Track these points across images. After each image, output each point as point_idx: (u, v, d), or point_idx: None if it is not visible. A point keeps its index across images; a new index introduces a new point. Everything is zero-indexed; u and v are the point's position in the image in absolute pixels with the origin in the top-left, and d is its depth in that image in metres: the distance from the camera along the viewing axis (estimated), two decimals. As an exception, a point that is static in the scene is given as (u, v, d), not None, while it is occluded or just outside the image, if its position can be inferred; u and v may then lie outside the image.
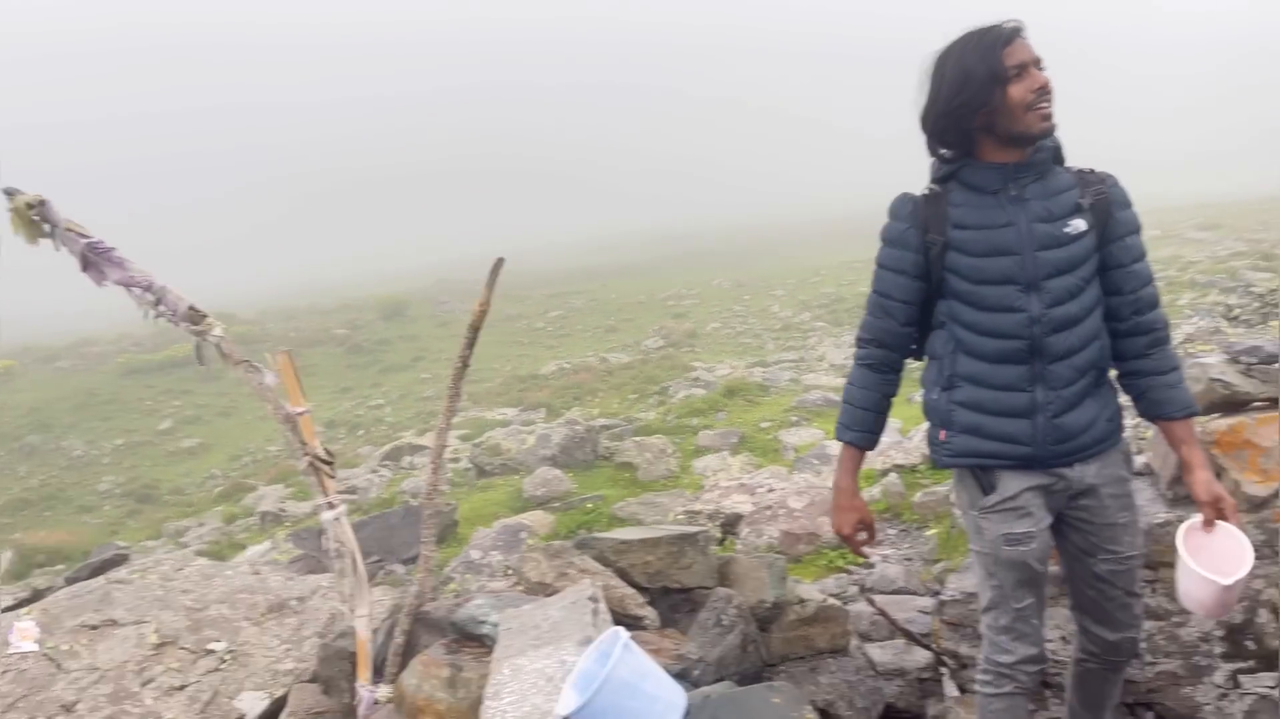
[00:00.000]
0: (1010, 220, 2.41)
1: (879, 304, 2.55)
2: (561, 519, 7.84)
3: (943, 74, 2.41)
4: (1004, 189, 2.43)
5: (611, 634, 1.90)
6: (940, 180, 2.51)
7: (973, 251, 2.42)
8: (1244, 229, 26.89)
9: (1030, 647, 2.54)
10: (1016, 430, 2.43)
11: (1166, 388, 2.51)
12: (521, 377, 19.88)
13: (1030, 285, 2.39)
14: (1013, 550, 2.48)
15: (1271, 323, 7.49)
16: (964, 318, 2.46)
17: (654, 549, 3.13)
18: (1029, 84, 2.34)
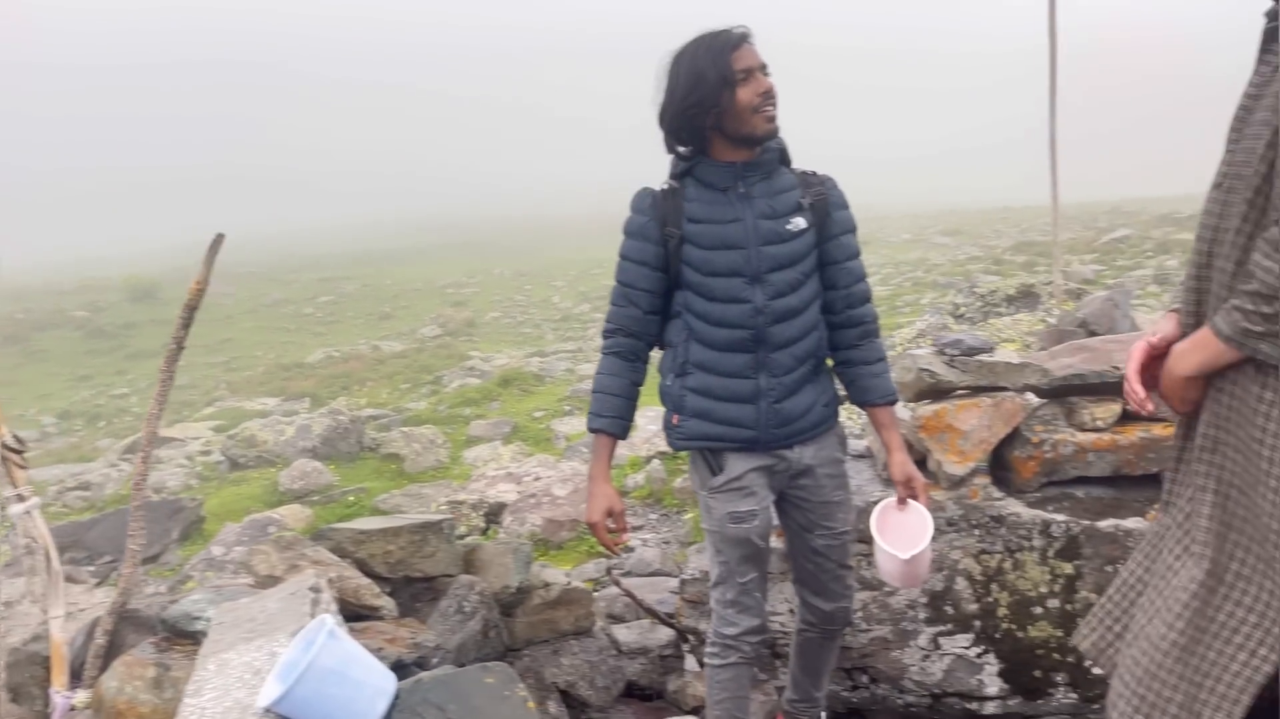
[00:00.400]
0: (737, 216, 2.54)
1: (623, 294, 2.63)
2: (320, 513, 7.55)
3: (677, 75, 2.51)
4: (733, 186, 2.56)
5: (317, 622, 1.85)
6: (678, 176, 2.61)
7: (703, 244, 2.54)
8: (980, 235, 29.59)
9: (753, 618, 2.70)
10: (741, 415, 2.58)
11: (872, 377, 2.74)
12: (285, 365, 18.90)
13: (755, 278, 2.54)
14: (737, 528, 2.62)
15: (991, 320, 8.29)
16: (696, 308, 2.58)
17: (395, 538, 3.07)
18: (755, 88, 2.48)
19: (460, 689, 1.86)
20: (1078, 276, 15.28)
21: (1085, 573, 3.17)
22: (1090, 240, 22.75)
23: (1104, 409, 3.34)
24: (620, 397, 2.65)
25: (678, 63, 2.52)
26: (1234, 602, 1.85)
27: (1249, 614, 1.83)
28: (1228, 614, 1.85)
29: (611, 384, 2.64)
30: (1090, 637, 2.24)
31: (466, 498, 6.84)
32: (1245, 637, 1.82)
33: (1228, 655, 1.83)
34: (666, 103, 2.54)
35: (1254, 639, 1.81)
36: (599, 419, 2.63)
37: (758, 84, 2.49)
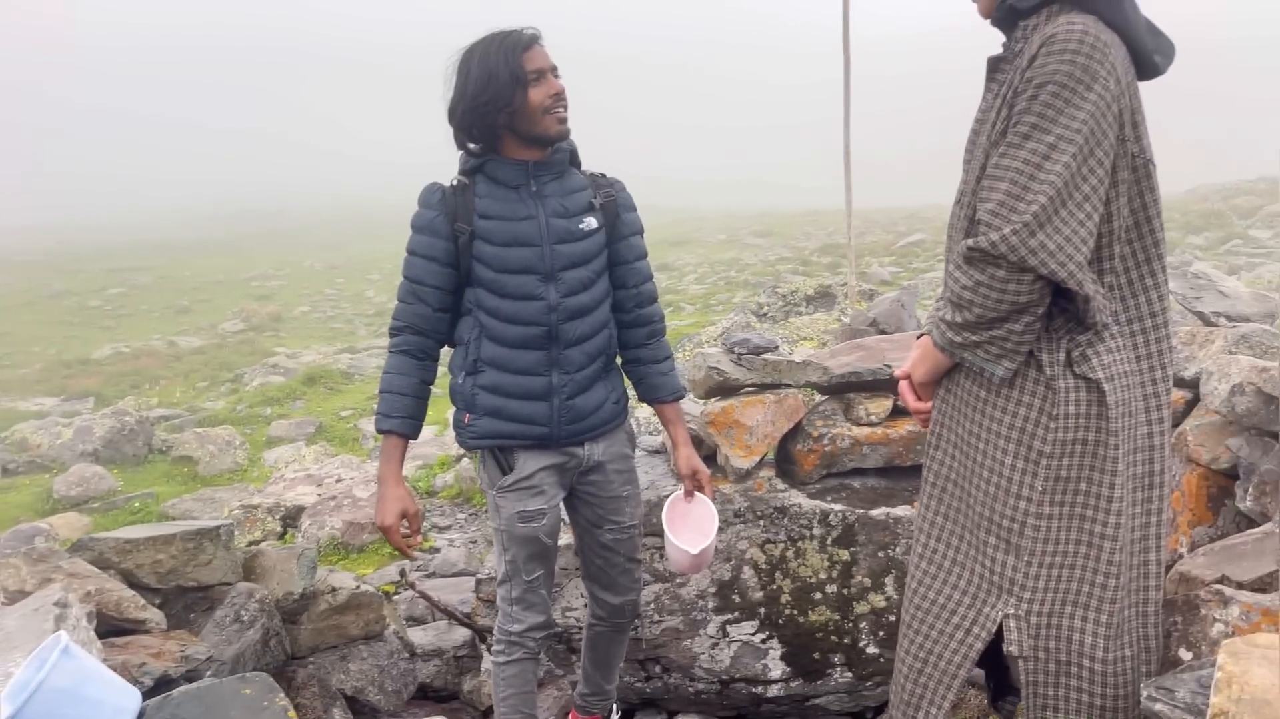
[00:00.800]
0: (530, 214, 2.56)
1: (412, 291, 2.59)
2: (100, 521, 7.05)
3: (468, 73, 2.50)
4: (525, 184, 2.57)
5: (51, 640, 1.73)
6: (467, 173, 2.60)
7: (496, 241, 2.54)
8: (790, 237, 30.79)
9: (538, 614, 2.72)
10: (534, 412, 2.59)
11: (660, 374, 2.83)
12: (67, 361, 17.46)
13: (548, 275, 2.56)
14: (525, 527, 2.63)
15: (791, 319, 8.67)
16: (488, 304, 2.57)
17: (166, 547, 2.90)
18: (547, 89, 2.51)
19: (214, 702, 1.78)
20: (875, 278, 16.17)
21: (860, 559, 3.36)
22: (889, 244, 24.10)
23: (877, 404, 3.56)
24: (410, 396, 2.60)
25: (468, 60, 2.51)
26: (951, 585, 2.03)
27: (964, 597, 2.00)
28: (945, 597, 2.02)
29: (401, 383, 2.59)
30: None
31: (262, 501, 6.55)
32: (961, 617, 2.00)
33: (947, 634, 2.01)
34: (457, 100, 2.52)
35: (968, 619, 1.99)
36: (389, 420, 2.58)
37: (549, 85, 2.51)
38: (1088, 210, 1.75)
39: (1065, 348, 1.86)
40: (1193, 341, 3.25)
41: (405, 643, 3.44)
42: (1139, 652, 1.94)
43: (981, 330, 1.84)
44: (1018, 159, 1.76)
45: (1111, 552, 1.88)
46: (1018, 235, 1.73)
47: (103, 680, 1.76)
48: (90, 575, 2.63)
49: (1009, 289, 1.77)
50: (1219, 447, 2.78)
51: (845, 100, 7.86)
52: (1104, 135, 1.75)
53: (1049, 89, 1.74)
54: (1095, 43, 1.75)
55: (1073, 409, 1.85)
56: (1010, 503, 1.91)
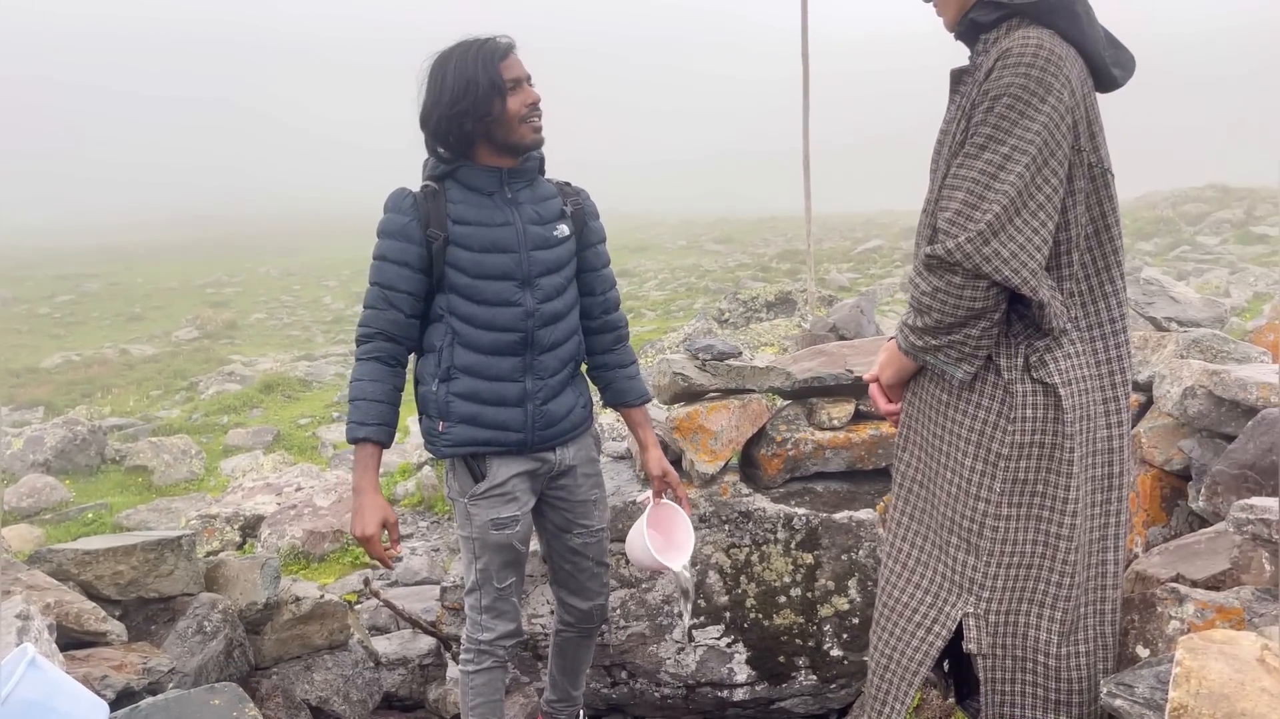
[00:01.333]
0: (508, 220, 2.56)
1: (383, 296, 2.55)
2: (51, 533, 6.90)
3: (444, 79, 2.49)
4: (499, 191, 2.58)
5: (18, 653, 1.70)
6: (437, 178, 2.59)
7: (472, 247, 2.53)
8: (750, 243, 30.97)
9: (509, 623, 2.72)
10: (509, 418, 2.59)
11: (627, 379, 2.85)
12: (15, 370, 17.07)
13: (525, 281, 2.57)
14: (500, 534, 2.63)
15: (752, 325, 8.73)
16: (462, 311, 2.56)
17: (127, 558, 2.86)
18: (523, 98, 2.52)
19: (183, 713, 1.76)
20: (834, 284, 16.32)
21: (824, 562, 3.40)
22: (847, 250, 24.35)
23: (840, 409, 3.60)
24: (384, 403, 2.55)
25: (443, 66, 2.51)
26: (914, 584, 2.07)
27: (926, 595, 2.04)
28: (909, 596, 2.07)
29: (374, 390, 2.54)
30: None
31: (221, 511, 6.47)
32: (923, 616, 2.04)
33: (909, 633, 2.05)
34: (431, 105, 2.51)
35: (929, 618, 2.03)
36: (364, 428, 2.51)
37: (526, 94, 2.52)
38: (1041, 219, 1.80)
39: (1023, 353, 1.91)
40: (1145, 346, 3.33)
41: (370, 652, 3.42)
42: (1095, 648, 1.99)
43: (941, 334, 1.89)
44: (974, 169, 1.81)
45: (1067, 552, 1.93)
46: (972, 243, 1.78)
47: (70, 693, 1.73)
48: (49, 588, 2.58)
49: (965, 295, 1.82)
50: (1172, 448, 2.86)
51: (804, 109, 7.94)
52: (1058, 145, 1.80)
53: (1004, 101, 1.79)
54: (1050, 56, 1.80)
55: (1029, 413, 1.90)
56: (970, 504, 1.96)
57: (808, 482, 3.61)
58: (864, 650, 3.40)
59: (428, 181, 2.59)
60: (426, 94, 2.53)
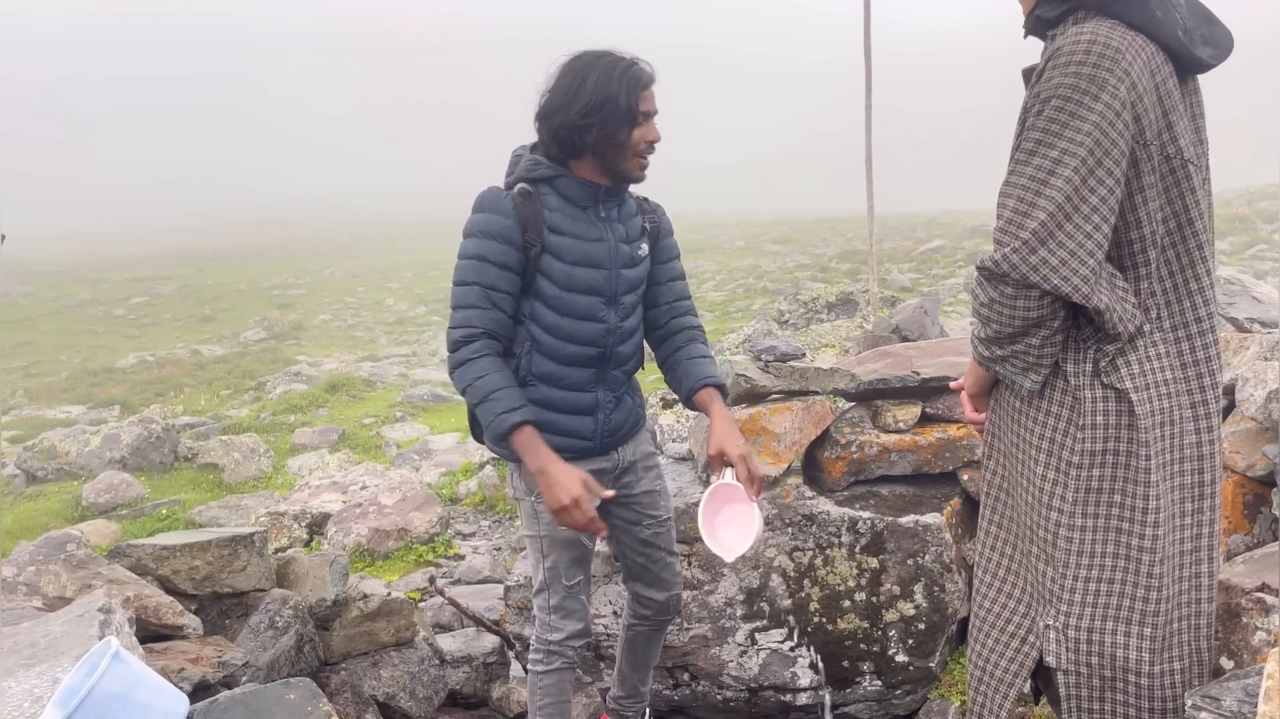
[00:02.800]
0: (602, 236, 2.57)
1: (486, 296, 2.48)
2: (128, 528, 7.10)
3: (580, 86, 2.46)
4: (594, 206, 2.58)
5: (102, 646, 1.75)
6: (531, 180, 2.55)
7: (566, 259, 2.53)
8: (808, 244, 30.74)
9: (577, 622, 2.73)
10: (581, 426, 2.62)
11: (703, 359, 2.75)
12: (93, 370, 17.61)
13: (612, 299, 2.59)
14: (568, 531, 2.64)
15: (813, 326, 8.66)
16: (545, 320, 2.55)
17: (202, 554, 2.93)
18: (648, 133, 2.53)
19: (259, 707, 1.80)
20: (895, 284, 16.12)
21: (889, 567, 3.36)
22: (909, 250, 24.02)
23: (905, 411, 3.55)
24: (517, 387, 2.47)
25: (583, 74, 2.47)
26: (1006, 594, 2.02)
27: (1019, 605, 2.00)
28: (1001, 606, 2.02)
29: (504, 378, 2.45)
30: None
31: (288, 509, 6.59)
32: (1017, 626, 1.99)
33: (1003, 643, 2.00)
34: (558, 107, 2.48)
35: (1023, 628, 1.98)
36: (516, 413, 2.39)
37: (651, 130, 2.53)
38: (1095, 222, 1.74)
39: (1092, 358, 1.86)
40: (1227, 348, 3.23)
41: (435, 650, 3.46)
42: (1191, 664, 1.92)
43: (1005, 344, 1.86)
44: (1024, 176, 1.77)
45: (1151, 564, 1.86)
46: (1018, 254, 1.75)
47: (152, 686, 1.78)
48: (129, 582, 2.66)
49: (1018, 305, 1.79)
50: (1255, 454, 2.77)
51: (867, 107, 7.85)
52: (1113, 144, 1.74)
53: (1053, 104, 1.75)
54: (1105, 50, 1.74)
55: (1100, 419, 1.85)
56: (1044, 514, 1.91)
57: (872, 485, 3.57)
58: (929, 657, 3.35)
59: (523, 183, 2.54)
60: (555, 94, 2.49)
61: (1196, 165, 1.87)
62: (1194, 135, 1.89)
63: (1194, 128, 1.90)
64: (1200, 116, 1.92)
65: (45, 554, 5.79)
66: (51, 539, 6.06)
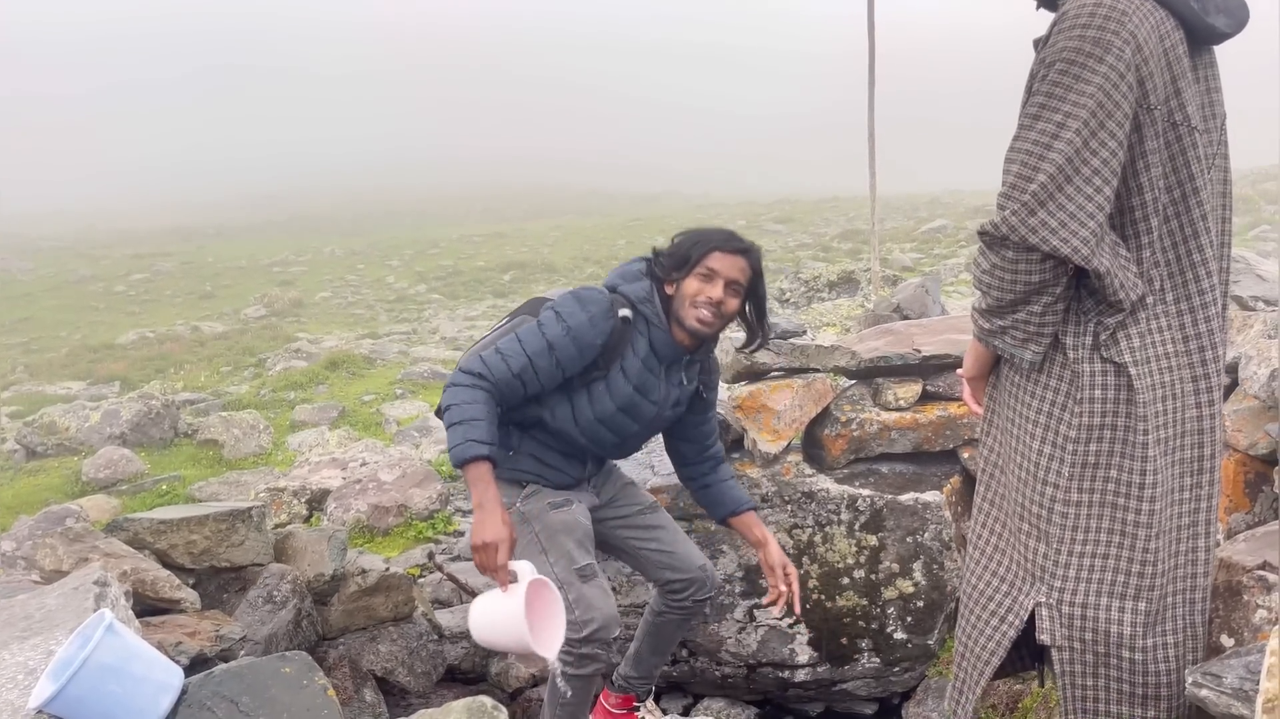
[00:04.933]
0: (658, 399, 2.66)
1: (523, 367, 2.49)
2: (128, 503, 7.10)
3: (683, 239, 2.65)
4: (671, 367, 2.67)
5: (96, 618, 1.75)
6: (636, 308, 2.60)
7: (618, 402, 2.61)
8: (810, 224, 30.63)
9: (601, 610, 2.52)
10: (570, 467, 2.75)
11: (730, 490, 2.94)
12: (93, 346, 17.58)
13: (647, 428, 2.73)
14: (560, 513, 2.63)
15: (814, 305, 8.62)
16: (565, 428, 2.64)
17: (200, 528, 2.92)
18: (706, 289, 2.56)
19: (255, 681, 1.79)
20: (897, 264, 16.07)
21: (888, 544, 3.35)
22: (910, 230, 23.93)
23: (906, 389, 3.54)
24: (492, 423, 2.44)
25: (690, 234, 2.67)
26: (990, 572, 2.02)
27: (1001, 584, 1.99)
28: (985, 584, 2.02)
29: (489, 414, 2.44)
30: None
31: (288, 485, 6.58)
32: (998, 604, 1.98)
33: (983, 621, 2.00)
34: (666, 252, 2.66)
35: (1004, 607, 1.97)
36: (483, 447, 2.36)
37: (711, 288, 2.56)
38: (1097, 184, 1.72)
39: (1092, 330, 1.83)
40: (1230, 325, 3.21)
41: (433, 625, 3.45)
42: (1185, 639, 1.91)
43: (1006, 313, 1.84)
44: (1028, 140, 1.75)
45: (1147, 539, 1.85)
46: (1018, 215, 1.73)
47: (146, 658, 1.77)
48: (126, 555, 2.65)
49: (1019, 269, 1.76)
50: (1257, 432, 2.75)
51: (870, 85, 7.79)
52: (1116, 106, 1.72)
53: (1057, 67, 1.73)
54: (1109, 13, 1.72)
55: (1098, 394, 1.83)
56: (1039, 489, 1.90)
57: (872, 463, 3.56)
58: (927, 634, 3.36)
59: (626, 308, 2.59)
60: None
61: (1205, 134, 1.84)
62: (1208, 107, 1.86)
63: (1208, 100, 1.87)
64: (1216, 90, 1.90)
65: (44, 529, 5.80)
66: (51, 514, 6.06)
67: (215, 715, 1.73)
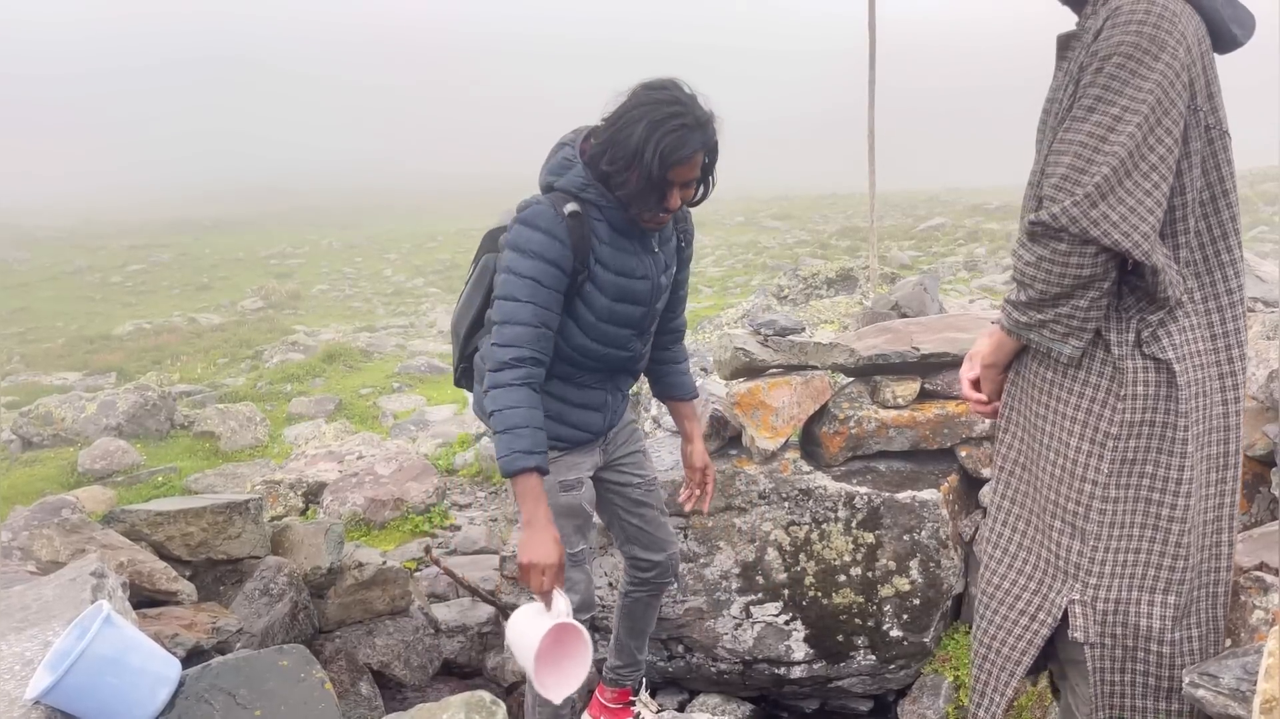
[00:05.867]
0: (646, 274, 2.55)
1: (539, 317, 2.38)
2: (124, 494, 7.08)
3: (623, 140, 2.33)
4: (641, 238, 2.53)
5: (94, 610, 1.74)
6: (582, 200, 2.44)
7: (610, 295, 2.50)
8: (808, 220, 30.62)
9: (579, 594, 2.69)
10: (590, 421, 2.67)
11: (680, 374, 2.90)
12: (89, 337, 17.53)
13: (643, 331, 2.63)
14: (568, 495, 2.66)
15: (812, 302, 8.62)
16: (576, 341, 2.54)
17: (197, 520, 2.92)
18: (667, 203, 2.42)
19: (252, 673, 1.79)
20: (895, 261, 16.08)
21: (885, 542, 3.35)
22: (909, 227, 23.93)
23: (904, 387, 3.54)
24: (542, 429, 2.37)
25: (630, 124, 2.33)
26: (1017, 570, 2.00)
27: (1029, 582, 1.98)
28: (1011, 582, 2.00)
29: (534, 416, 2.35)
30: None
31: (284, 477, 6.59)
32: (1026, 603, 1.97)
33: (1011, 620, 1.98)
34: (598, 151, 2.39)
35: (1034, 605, 1.96)
36: (532, 457, 2.29)
37: (670, 200, 2.42)
38: (1154, 180, 1.72)
39: (1135, 327, 1.83)
40: (1228, 327, 3.21)
41: (430, 619, 3.46)
42: (1208, 632, 1.92)
43: (1046, 308, 1.81)
44: (1082, 131, 1.74)
45: (1180, 534, 1.86)
46: (1079, 207, 1.71)
47: (144, 650, 1.77)
48: (122, 547, 2.65)
49: (1071, 263, 1.74)
50: (1255, 433, 2.75)
51: (870, 80, 7.78)
52: (1172, 104, 1.72)
53: (1114, 60, 1.72)
54: (1163, 12, 1.73)
55: (1141, 390, 1.82)
56: (1076, 486, 1.88)
57: (870, 460, 3.56)
58: (923, 632, 3.36)
59: (573, 202, 2.43)
60: (600, 133, 2.40)
61: (1230, 138, 1.86)
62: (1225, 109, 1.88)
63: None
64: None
65: (40, 519, 5.79)
66: (47, 504, 6.04)
67: (213, 708, 1.72)
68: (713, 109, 2.41)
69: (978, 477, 3.51)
